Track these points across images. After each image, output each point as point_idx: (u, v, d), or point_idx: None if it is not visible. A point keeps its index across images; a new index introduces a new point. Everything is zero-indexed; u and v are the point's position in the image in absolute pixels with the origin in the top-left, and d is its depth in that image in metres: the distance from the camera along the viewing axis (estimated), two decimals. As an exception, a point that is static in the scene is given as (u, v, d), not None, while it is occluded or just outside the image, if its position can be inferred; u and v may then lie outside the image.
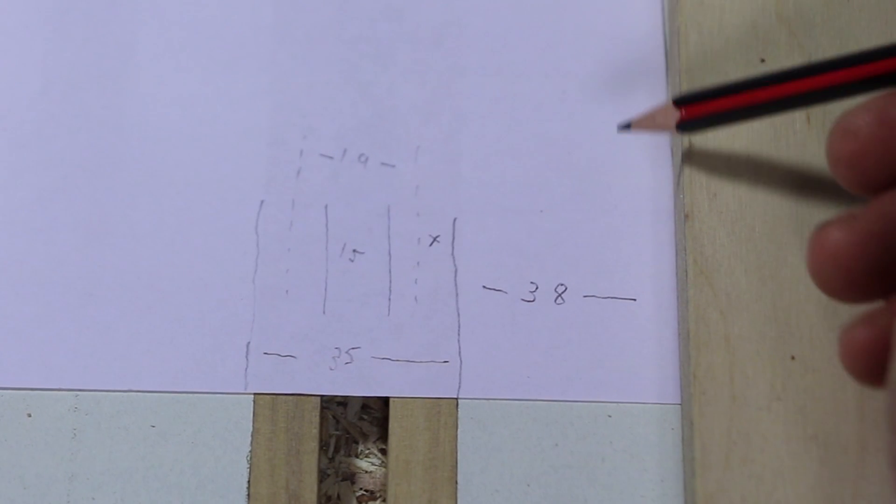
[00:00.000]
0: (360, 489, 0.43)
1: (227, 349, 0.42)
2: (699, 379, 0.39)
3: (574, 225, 0.44)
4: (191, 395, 0.42)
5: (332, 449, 0.43)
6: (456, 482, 0.41)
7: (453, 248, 0.44)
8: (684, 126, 0.41)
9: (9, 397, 0.42)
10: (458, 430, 0.41)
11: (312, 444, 0.41)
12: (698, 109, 0.40)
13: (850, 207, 0.37)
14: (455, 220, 0.44)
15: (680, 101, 0.41)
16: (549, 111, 0.45)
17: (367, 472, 0.43)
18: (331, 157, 0.45)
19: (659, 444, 0.41)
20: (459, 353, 0.42)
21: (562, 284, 0.43)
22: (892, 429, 0.32)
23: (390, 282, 0.43)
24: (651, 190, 0.44)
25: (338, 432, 0.44)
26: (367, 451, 0.44)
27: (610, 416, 0.42)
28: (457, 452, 0.41)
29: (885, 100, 0.36)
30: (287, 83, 0.46)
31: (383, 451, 0.44)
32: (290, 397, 0.42)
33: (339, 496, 0.43)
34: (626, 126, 0.42)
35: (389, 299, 0.43)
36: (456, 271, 0.43)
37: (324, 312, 0.43)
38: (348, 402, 0.44)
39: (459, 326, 0.43)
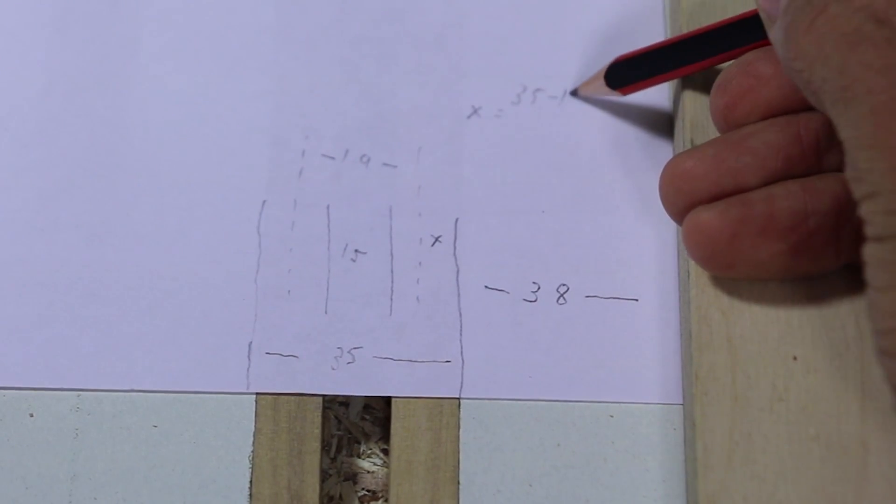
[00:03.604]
0: (362, 489, 0.43)
1: (229, 349, 0.42)
2: (701, 379, 0.39)
3: (576, 225, 0.44)
4: (193, 394, 0.42)
5: (334, 449, 0.43)
6: (458, 482, 0.41)
7: (455, 248, 0.44)
8: (611, 78, 0.44)
9: (11, 397, 0.42)
10: (461, 430, 0.41)
11: (314, 444, 0.41)
12: (624, 65, 0.44)
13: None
14: (457, 220, 0.44)
15: (613, 62, 0.44)
16: (550, 111, 0.45)
17: (369, 472, 0.43)
18: (333, 158, 0.45)
19: (661, 445, 0.41)
20: (461, 353, 0.42)
21: (564, 284, 0.43)
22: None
23: (392, 282, 0.43)
24: (653, 190, 0.44)
25: (340, 432, 0.44)
26: (369, 451, 0.44)
27: (612, 417, 0.42)
28: (459, 452, 0.41)
29: (754, 55, 0.40)
30: (289, 84, 0.46)
31: (385, 451, 0.44)
32: (292, 397, 0.42)
33: (341, 496, 0.43)
34: (574, 92, 0.46)
35: (391, 299, 0.43)
36: (458, 271, 0.43)
37: (326, 312, 0.43)
38: (350, 401, 0.44)
39: (461, 326, 0.43)
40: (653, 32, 0.46)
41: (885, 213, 0.33)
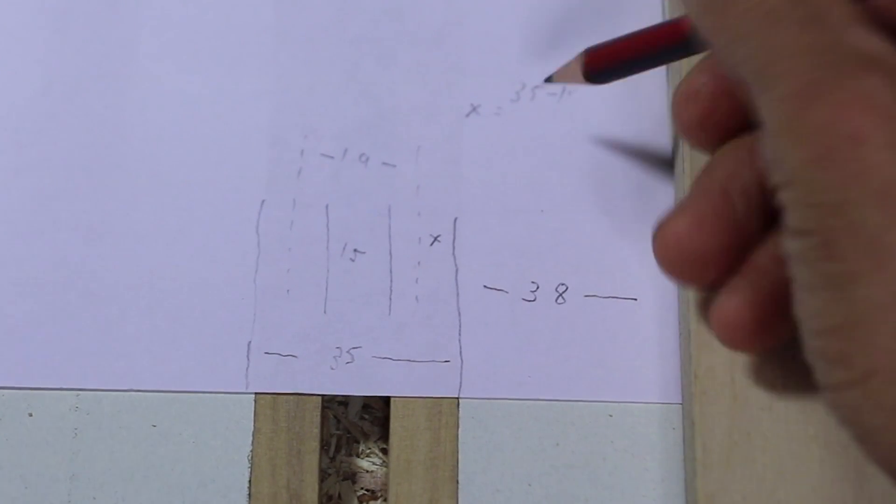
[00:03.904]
0: (361, 488, 0.43)
1: (228, 349, 0.42)
2: (700, 378, 0.39)
3: (575, 224, 0.44)
4: (192, 394, 0.42)
5: (333, 448, 0.43)
6: (457, 481, 0.41)
7: (454, 247, 0.44)
8: (590, 75, 0.41)
9: (10, 397, 0.42)
10: (459, 430, 0.41)
11: (313, 444, 0.41)
12: (600, 56, 0.41)
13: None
14: (456, 219, 0.44)
15: (587, 51, 0.41)
16: (549, 108, 0.45)
17: (368, 471, 0.43)
18: (332, 157, 0.45)
19: (660, 444, 0.41)
20: (460, 352, 0.42)
21: (563, 284, 0.43)
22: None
23: (391, 281, 0.43)
24: (652, 190, 0.44)
25: (339, 432, 0.44)
26: (368, 451, 0.44)
27: (611, 416, 0.42)
28: (458, 452, 0.41)
29: (712, 60, 0.38)
30: (288, 83, 0.46)
31: (384, 451, 0.44)
32: (292, 397, 0.42)
33: (340, 496, 0.43)
34: (548, 79, 0.44)
35: (390, 299, 0.43)
36: (457, 271, 0.43)
37: (325, 312, 0.43)
38: (349, 401, 0.44)
39: (460, 326, 0.43)
40: (652, 31, 0.46)
41: (807, 205, 0.31)
